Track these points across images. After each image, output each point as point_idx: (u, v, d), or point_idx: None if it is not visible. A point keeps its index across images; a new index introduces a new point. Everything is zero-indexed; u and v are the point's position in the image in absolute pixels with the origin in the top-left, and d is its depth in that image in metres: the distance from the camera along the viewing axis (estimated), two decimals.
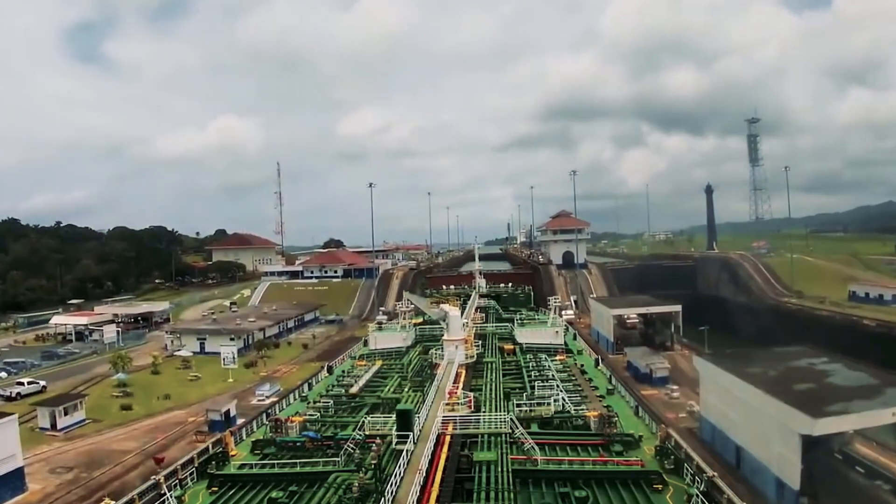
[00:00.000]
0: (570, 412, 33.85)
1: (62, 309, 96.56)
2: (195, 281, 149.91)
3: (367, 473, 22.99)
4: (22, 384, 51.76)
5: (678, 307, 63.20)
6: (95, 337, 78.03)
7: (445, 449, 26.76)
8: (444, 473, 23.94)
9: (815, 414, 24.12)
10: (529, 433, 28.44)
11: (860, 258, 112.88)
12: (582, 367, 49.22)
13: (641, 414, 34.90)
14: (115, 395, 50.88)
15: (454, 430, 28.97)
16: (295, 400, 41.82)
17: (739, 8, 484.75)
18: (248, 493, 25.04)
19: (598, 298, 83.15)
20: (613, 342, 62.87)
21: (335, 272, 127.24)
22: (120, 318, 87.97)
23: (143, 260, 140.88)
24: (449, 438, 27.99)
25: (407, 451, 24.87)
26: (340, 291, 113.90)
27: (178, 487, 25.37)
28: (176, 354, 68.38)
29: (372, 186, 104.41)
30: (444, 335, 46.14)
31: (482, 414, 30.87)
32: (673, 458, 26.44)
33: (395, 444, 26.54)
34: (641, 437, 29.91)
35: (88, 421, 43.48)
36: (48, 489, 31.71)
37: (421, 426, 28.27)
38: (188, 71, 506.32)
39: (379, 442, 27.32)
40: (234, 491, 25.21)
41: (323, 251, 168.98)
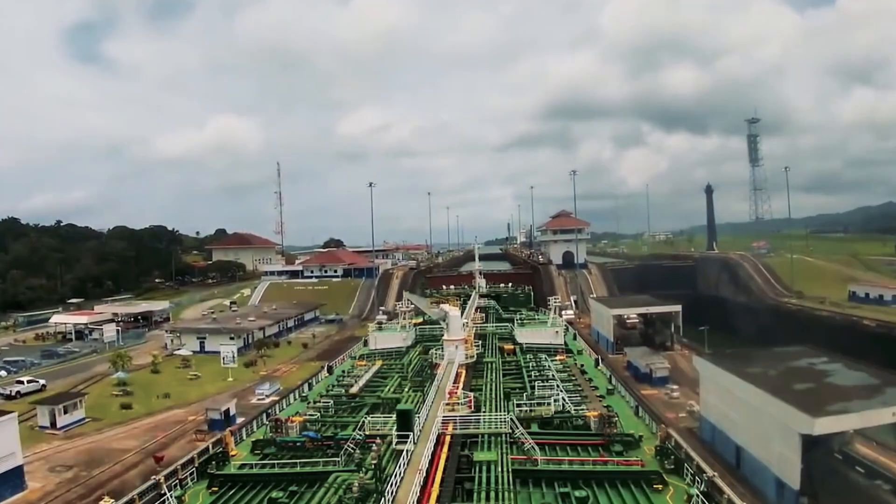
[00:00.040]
0: (570, 412, 33.84)
1: (62, 308, 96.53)
2: (195, 280, 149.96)
3: (367, 473, 22.99)
4: (22, 383, 51.83)
5: (678, 307, 63.17)
6: (95, 336, 78.04)
7: (445, 449, 26.78)
8: (444, 473, 23.97)
9: (815, 413, 24.11)
10: (529, 433, 28.45)
11: (860, 258, 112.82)
12: (582, 367, 49.22)
13: (641, 414, 34.90)
14: (114, 393, 50.90)
15: (454, 430, 28.97)
16: (295, 400, 41.78)
17: (740, 7, 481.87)
18: (248, 493, 25.04)
19: (597, 298, 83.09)
20: (613, 342, 62.85)
21: (335, 272, 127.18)
22: (120, 317, 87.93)
23: (143, 259, 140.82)
24: (449, 438, 28.00)
25: (407, 451, 24.85)
26: (340, 291, 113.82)
27: (178, 487, 25.36)
28: (176, 353, 68.37)
29: (372, 186, 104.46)
30: (444, 335, 46.11)
31: (482, 414, 30.85)
32: (673, 458, 26.43)
33: (395, 444, 26.51)
34: (641, 437, 29.92)
35: (88, 419, 43.50)
36: (48, 487, 31.72)
37: (421, 426, 28.24)
38: (188, 70, 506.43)
39: (379, 442, 27.30)
40: (234, 491, 25.21)
41: (323, 251, 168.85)
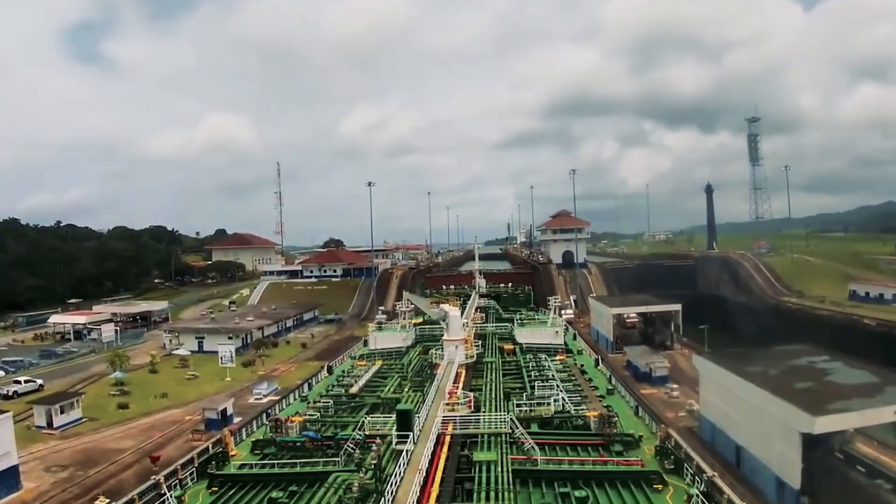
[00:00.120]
0: (570, 412, 33.80)
1: (61, 308, 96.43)
2: (195, 280, 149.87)
3: (367, 473, 22.93)
4: (19, 382, 51.78)
5: (678, 306, 63.03)
6: (94, 336, 78.00)
7: (445, 449, 26.73)
8: (444, 473, 23.93)
9: (815, 412, 24.01)
10: (529, 433, 28.41)
11: (861, 257, 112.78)
12: (582, 367, 49.17)
13: (641, 414, 34.86)
14: (112, 393, 50.78)
15: (454, 430, 28.92)
16: (295, 400, 41.72)
17: (746, 1, 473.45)
18: (248, 493, 25.02)
19: (597, 297, 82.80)
20: (613, 341, 62.74)
21: (334, 271, 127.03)
22: (118, 317, 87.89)
23: (142, 259, 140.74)
24: (449, 438, 27.96)
25: (407, 451, 24.82)
26: (340, 291, 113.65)
27: (178, 487, 25.35)
28: (174, 353, 68.23)
29: (371, 185, 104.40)
30: (444, 335, 46.06)
31: (482, 414, 30.82)
32: (673, 457, 26.42)
33: (395, 444, 26.47)
34: (641, 437, 29.91)
35: (85, 419, 43.42)
36: (43, 487, 31.63)
37: (421, 426, 28.19)
38: (187, 70, 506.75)
39: (379, 442, 27.23)
40: (234, 491, 25.19)
41: (322, 251, 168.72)
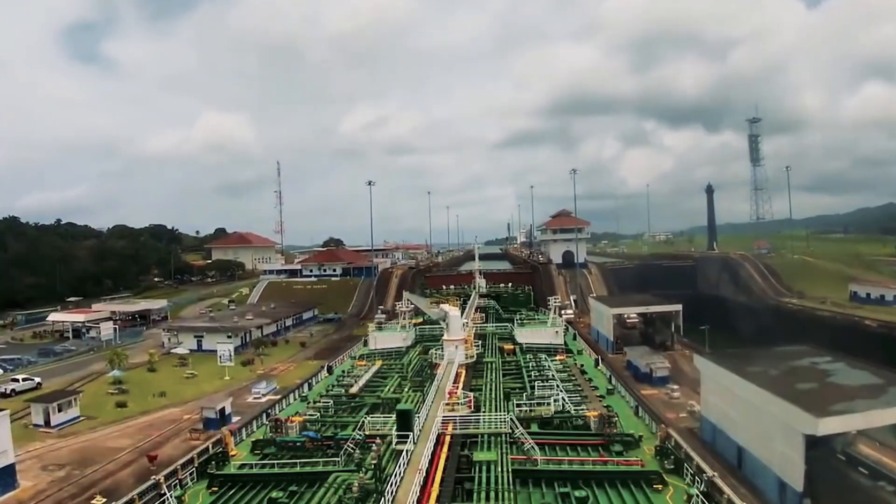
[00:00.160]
0: (570, 412, 33.77)
1: (60, 306, 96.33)
2: (194, 279, 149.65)
3: (367, 473, 22.85)
4: (17, 381, 51.69)
5: (678, 307, 62.87)
6: (93, 334, 77.94)
7: (445, 449, 26.68)
8: (444, 473, 23.87)
9: (818, 413, 23.85)
10: (529, 433, 28.37)
11: (861, 259, 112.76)
12: (582, 367, 49.13)
13: (641, 414, 34.83)
14: (110, 392, 50.66)
15: (454, 430, 28.87)
16: (295, 400, 41.65)
17: None
18: (248, 493, 24.99)
19: (597, 297, 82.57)
20: (613, 341, 62.56)
21: (334, 271, 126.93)
22: (117, 315, 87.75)
23: (142, 258, 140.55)
24: (449, 438, 27.90)
25: (407, 451, 24.74)
26: (339, 290, 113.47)
27: (178, 487, 25.32)
28: (173, 352, 68.10)
29: (371, 185, 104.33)
30: (444, 335, 45.98)
31: (482, 414, 30.78)
32: (673, 458, 26.39)
33: (395, 444, 26.40)
34: (641, 437, 29.91)
35: (83, 418, 43.31)
36: (40, 486, 31.53)
37: (421, 426, 28.12)
38: (187, 69, 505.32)
39: (379, 442, 27.19)
40: (234, 491, 25.15)
41: (322, 250, 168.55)
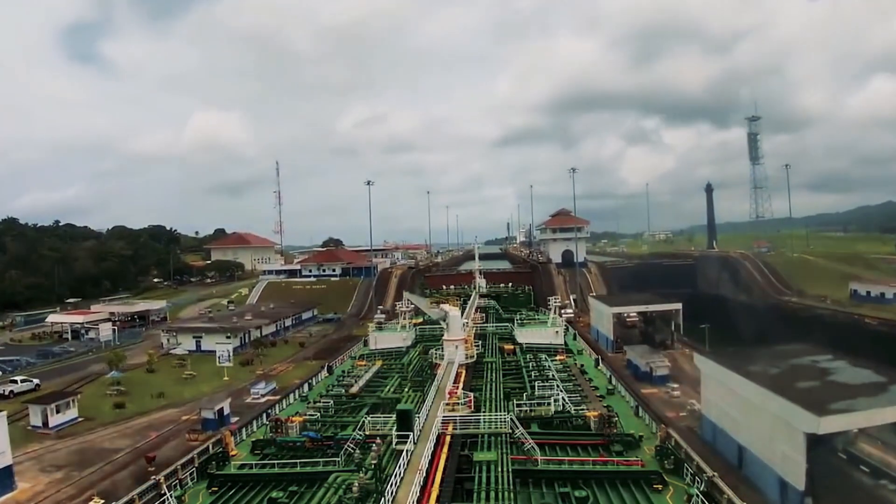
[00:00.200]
0: (570, 412, 33.71)
1: (59, 307, 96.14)
2: (193, 280, 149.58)
3: (367, 473, 22.74)
4: (15, 382, 51.51)
5: (678, 305, 62.78)
6: (92, 335, 77.72)
7: (445, 449, 26.60)
8: (444, 473, 23.80)
9: (820, 412, 23.73)
10: (529, 433, 28.31)
11: (861, 257, 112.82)
12: (582, 366, 49.08)
13: (641, 414, 34.78)
14: (108, 393, 50.49)
15: (454, 430, 28.80)
16: (295, 400, 41.59)
17: None
18: (248, 493, 24.95)
19: (597, 296, 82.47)
20: (613, 340, 62.46)
21: (333, 271, 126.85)
22: (116, 316, 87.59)
23: (141, 259, 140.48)
24: (449, 438, 27.83)
25: (407, 451, 24.66)
26: (338, 290, 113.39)
27: (178, 487, 25.30)
28: (172, 353, 67.97)
29: (370, 184, 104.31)
30: (444, 335, 45.90)
31: (482, 414, 30.71)
32: (673, 458, 26.32)
33: (395, 444, 26.31)
34: (641, 437, 29.87)
35: (81, 419, 43.14)
36: (37, 488, 31.37)
37: (421, 426, 28.06)
38: (187, 69, 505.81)
39: (379, 442, 27.10)
40: (234, 491, 25.11)
41: (322, 250, 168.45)
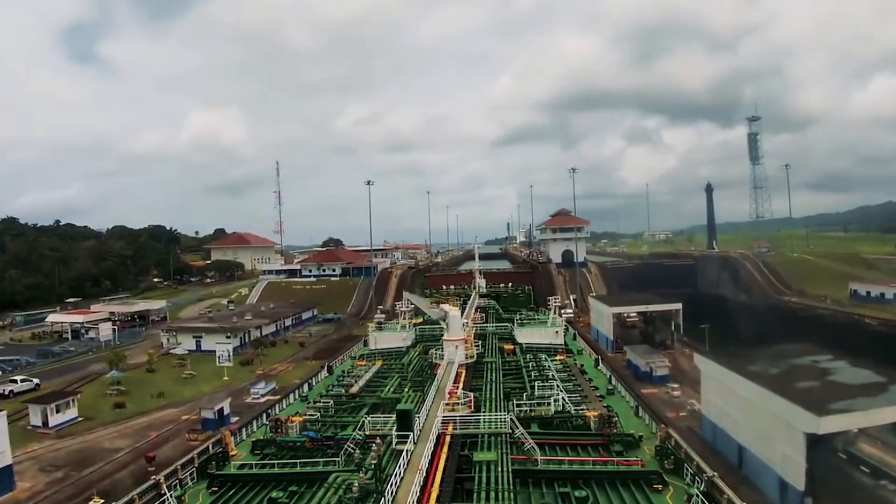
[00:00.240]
0: (570, 412, 33.71)
1: (59, 307, 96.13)
2: (193, 280, 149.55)
3: (367, 473, 22.74)
4: (15, 381, 51.51)
5: (678, 305, 62.78)
6: (91, 335, 77.68)
7: (445, 449, 26.60)
8: (444, 473, 23.80)
9: (820, 412, 23.73)
10: (529, 433, 28.31)
11: (861, 257, 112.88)
12: (582, 367, 49.09)
13: (641, 414, 34.79)
14: (108, 393, 50.47)
15: (454, 430, 28.79)
16: (295, 400, 41.59)
17: None
18: (248, 493, 24.96)
19: (597, 296, 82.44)
20: (613, 340, 62.44)
21: (333, 271, 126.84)
22: (116, 316, 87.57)
23: (141, 259, 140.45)
24: (449, 438, 27.83)
25: (407, 451, 24.67)
26: (339, 290, 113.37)
27: (178, 487, 25.31)
28: (171, 352, 67.96)
29: (370, 184, 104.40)
30: (444, 335, 45.89)
31: (482, 414, 30.70)
32: (673, 458, 26.33)
33: (395, 444, 26.32)
34: (641, 437, 29.89)
35: (81, 419, 43.15)
36: (37, 487, 31.39)
37: (421, 426, 28.06)
38: (186, 69, 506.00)
39: (379, 442, 27.11)
40: (234, 491, 25.12)
41: (322, 250, 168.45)
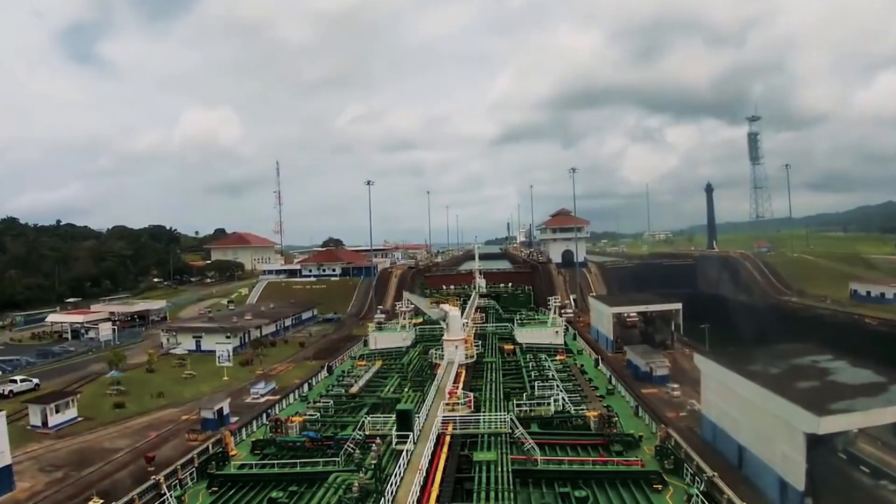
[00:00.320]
0: (570, 412, 33.74)
1: (59, 307, 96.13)
2: (193, 280, 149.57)
3: (367, 473, 22.74)
4: (15, 381, 51.50)
5: (678, 305, 62.75)
6: (91, 335, 77.67)
7: (445, 449, 26.62)
8: (444, 473, 23.81)
9: (819, 412, 23.73)
10: (529, 433, 28.32)
11: (861, 257, 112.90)
12: (582, 367, 49.12)
13: (641, 414, 34.81)
14: (108, 393, 50.46)
15: (454, 430, 28.81)
16: (295, 400, 41.61)
17: None
18: (248, 493, 24.98)
19: (597, 296, 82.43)
20: (613, 340, 62.41)
21: (333, 271, 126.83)
22: (116, 316, 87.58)
23: (141, 259, 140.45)
24: (449, 438, 27.85)
25: (407, 451, 24.68)
26: (338, 290, 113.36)
27: (178, 487, 25.33)
28: (171, 352, 67.96)
29: (370, 184, 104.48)
30: (444, 335, 45.89)
31: (482, 414, 30.74)
32: (673, 458, 26.34)
33: (395, 444, 26.34)
34: (641, 437, 29.92)
35: (80, 419, 43.12)
36: (36, 487, 31.37)
37: (421, 426, 28.08)
38: (183, 69, 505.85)
39: (379, 442, 27.12)
40: (234, 491, 25.14)
41: (322, 250, 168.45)
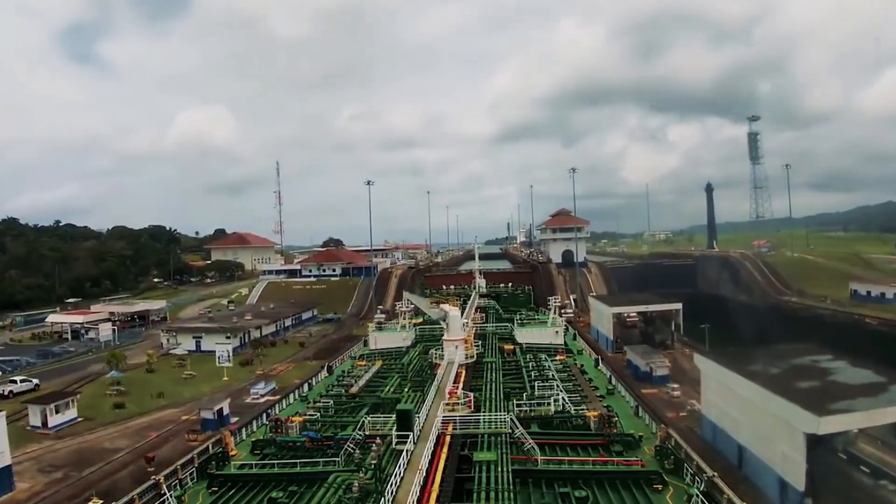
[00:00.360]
0: (570, 412, 33.73)
1: (59, 307, 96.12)
2: (193, 280, 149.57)
3: (367, 473, 22.74)
4: (15, 382, 51.50)
5: (678, 305, 62.77)
6: (91, 335, 77.69)
7: (445, 449, 26.62)
8: (444, 473, 23.82)
9: (819, 412, 23.72)
10: (529, 433, 28.33)
11: (863, 257, 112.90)
12: (582, 367, 49.10)
13: (641, 414, 34.81)
14: (108, 393, 50.45)
15: (454, 430, 28.82)
16: (295, 400, 41.60)
17: None
18: (248, 493, 24.97)
19: (597, 296, 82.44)
20: (613, 340, 62.41)
21: (333, 271, 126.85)
22: (116, 316, 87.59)
23: (141, 259, 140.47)
24: (449, 438, 27.86)
25: (407, 451, 24.68)
26: (339, 290, 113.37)
27: (178, 487, 25.33)
28: (171, 353, 67.95)
29: (370, 184, 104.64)
30: (444, 335, 45.90)
31: (482, 414, 30.74)
32: (673, 458, 26.34)
33: (395, 444, 26.35)
34: (641, 437, 29.90)
35: (80, 419, 43.11)
36: (36, 488, 31.37)
37: (421, 426, 28.08)
38: (183, 69, 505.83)
39: (379, 442, 27.13)
40: (234, 491, 25.13)
41: (322, 250, 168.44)
